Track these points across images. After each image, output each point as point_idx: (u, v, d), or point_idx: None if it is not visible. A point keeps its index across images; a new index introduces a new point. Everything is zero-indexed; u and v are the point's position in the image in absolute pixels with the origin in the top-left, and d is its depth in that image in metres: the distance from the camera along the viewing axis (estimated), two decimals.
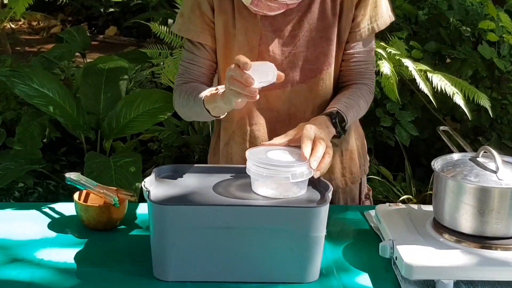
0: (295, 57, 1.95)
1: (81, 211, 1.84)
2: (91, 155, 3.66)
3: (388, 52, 3.29)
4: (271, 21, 1.93)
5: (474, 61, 3.88)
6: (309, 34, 1.94)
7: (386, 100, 3.83)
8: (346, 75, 2.01)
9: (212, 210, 1.57)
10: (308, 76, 1.96)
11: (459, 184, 1.67)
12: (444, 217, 1.71)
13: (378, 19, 1.97)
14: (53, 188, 3.84)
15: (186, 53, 2.02)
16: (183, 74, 2.01)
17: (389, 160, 4.15)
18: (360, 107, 1.97)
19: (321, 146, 1.67)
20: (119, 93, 4.00)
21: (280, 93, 1.98)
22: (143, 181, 1.66)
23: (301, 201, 1.64)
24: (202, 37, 1.96)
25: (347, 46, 1.97)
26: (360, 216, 1.98)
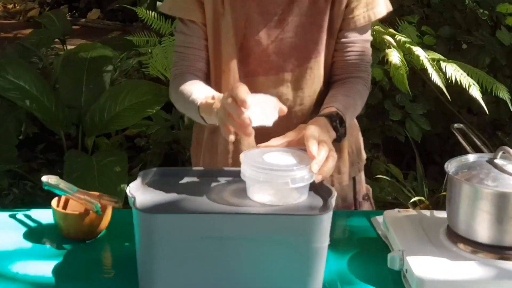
0: (282, 43, 1.97)
1: (60, 219, 1.83)
2: (72, 153, 3.66)
3: (398, 39, 3.28)
4: (259, 2, 1.95)
5: (492, 48, 3.87)
6: (298, 19, 1.95)
7: (395, 92, 3.83)
8: (340, 67, 2.01)
9: (205, 218, 1.56)
10: (295, 64, 1.98)
11: (475, 189, 1.67)
12: (459, 225, 1.71)
13: (374, 7, 1.98)
14: (30, 190, 3.84)
15: (178, 36, 2.04)
16: (178, 62, 2.03)
17: (399, 157, 4.15)
18: (356, 106, 1.98)
19: (324, 148, 1.66)
20: (102, 85, 4.00)
21: (264, 80, 2.00)
22: (128, 187, 1.65)
23: (302, 208, 1.63)
24: (194, 14, 1.98)
25: (340, 34, 1.99)
26: (366, 223, 1.97)
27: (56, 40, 5.33)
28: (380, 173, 3.70)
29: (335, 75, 2.03)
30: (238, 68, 1.98)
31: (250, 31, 1.96)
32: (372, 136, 3.92)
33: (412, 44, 3.28)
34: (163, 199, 1.65)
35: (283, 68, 1.99)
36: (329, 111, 1.85)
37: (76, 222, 1.82)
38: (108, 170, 3.41)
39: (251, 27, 1.96)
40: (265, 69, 1.98)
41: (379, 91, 3.90)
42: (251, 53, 1.97)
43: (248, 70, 1.99)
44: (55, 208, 1.85)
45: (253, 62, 1.98)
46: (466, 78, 3.19)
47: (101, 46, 4.22)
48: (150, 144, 4.28)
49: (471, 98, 3.23)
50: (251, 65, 1.99)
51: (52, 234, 1.86)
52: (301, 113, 2.02)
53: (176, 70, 2.02)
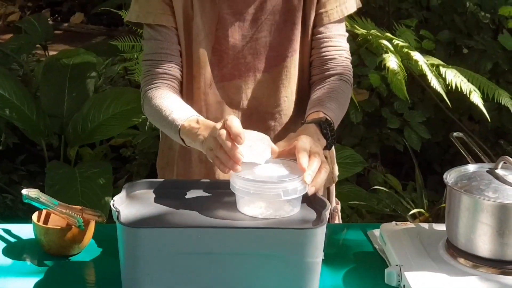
0: (257, 43, 2.00)
1: (41, 235, 1.83)
2: (54, 164, 3.65)
3: (395, 44, 3.29)
4: (231, 3, 1.97)
5: (494, 53, 3.90)
6: (272, 18, 1.99)
7: (393, 99, 3.84)
8: (318, 64, 2.03)
9: (193, 233, 1.56)
10: (271, 64, 2.01)
11: (475, 201, 1.67)
12: (458, 239, 1.72)
13: (346, 1, 2.03)
14: (10, 203, 3.83)
15: (148, 43, 2.02)
16: (150, 71, 2.00)
17: (397, 167, 4.16)
18: (342, 108, 1.99)
19: (316, 159, 1.67)
20: (86, 92, 4.00)
21: (241, 83, 2.02)
22: (112, 200, 1.65)
23: (294, 222, 1.63)
24: (164, 18, 1.98)
25: (315, 31, 2.02)
26: (362, 236, 1.98)
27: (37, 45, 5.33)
28: (377, 184, 3.70)
29: (315, 74, 2.04)
30: (212, 72, 1.99)
31: (223, 33, 1.98)
32: (369, 145, 3.93)
33: (410, 49, 3.30)
34: (149, 213, 1.65)
35: (259, 69, 2.01)
36: (317, 116, 1.86)
37: (58, 237, 1.81)
38: (92, 182, 3.40)
39: (223, 29, 1.97)
40: (241, 72, 2.00)
41: (376, 98, 3.91)
42: (225, 56, 1.99)
43: (223, 74, 2.00)
44: (35, 223, 1.85)
45: (227, 65, 2.00)
46: (467, 84, 3.20)
47: (85, 52, 4.22)
48: (136, 154, 4.28)
49: (472, 105, 3.24)
50: (225, 69, 2.00)
51: (33, 250, 1.86)
52: (278, 114, 2.04)
53: (149, 80, 1.99)
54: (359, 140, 3.94)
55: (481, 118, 3.84)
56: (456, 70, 3.27)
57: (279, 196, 1.61)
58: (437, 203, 3.47)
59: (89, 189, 3.35)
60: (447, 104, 3.33)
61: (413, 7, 4.40)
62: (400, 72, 3.20)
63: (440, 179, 4.02)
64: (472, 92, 3.17)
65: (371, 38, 3.37)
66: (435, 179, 3.96)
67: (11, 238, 1.93)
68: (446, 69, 3.24)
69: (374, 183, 3.75)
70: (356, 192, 3.58)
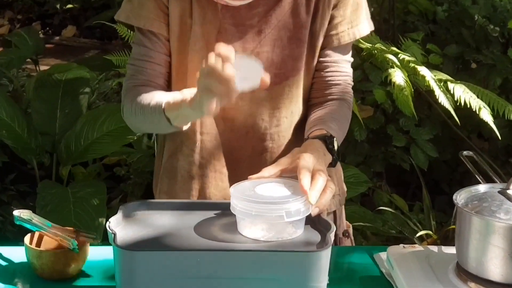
0: (258, 58, 1.94)
1: (33, 258, 1.83)
2: (45, 184, 3.65)
3: (401, 58, 3.31)
4: (234, 13, 1.94)
5: (503, 67, 3.91)
6: (276, 32, 1.96)
7: (399, 115, 3.85)
8: (321, 88, 2.02)
9: (192, 256, 1.57)
10: (272, 82, 1.96)
11: (487, 222, 1.67)
12: (469, 262, 1.71)
13: (359, 24, 2.00)
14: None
15: (136, 48, 2.00)
16: (134, 75, 1.99)
17: (403, 187, 4.16)
18: (344, 130, 1.99)
19: (321, 178, 1.67)
20: (79, 109, 4.00)
21: (237, 99, 1.99)
22: (108, 221, 1.66)
23: (298, 244, 1.63)
24: (156, 25, 1.96)
25: (322, 52, 2.00)
26: (369, 259, 1.97)
27: (28, 60, 5.34)
28: (383, 205, 3.70)
29: (315, 97, 2.03)
30: None
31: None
32: (374, 163, 3.94)
33: (416, 64, 3.31)
34: (146, 235, 1.65)
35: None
36: (321, 133, 1.86)
37: (51, 260, 1.81)
38: (85, 202, 3.40)
39: (223, 39, 1.92)
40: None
41: (381, 114, 3.92)
42: None
43: None
44: (28, 245, 1.85)
45: None
46: (476, 100, 3.21)
47: (77, 67, 4.22)
48: (131, 173, 4.28)
49: (482, 122, 3.25)
50: None
51: (25, 274, 1.85)
52: (277, 135, 2.02)
53: (131, 83, 1.98)
54: (363, 159, 3.95)
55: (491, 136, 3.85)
56: (464, 85, 3.28)
57: (281, 218, 1.61)
58: (446, 225, 3.47)
59: (82, 210, 3.34)
60: (456, 121, 3.34)
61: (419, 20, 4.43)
62: (406, 88, 3.20)
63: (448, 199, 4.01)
64: (481, 108, 3.18)
65: (376, 53, 3.38)
66: (443, 200, 3.97)
67: (2, 262, 1.93)
68: (454, 85, 3.25)
69: (379, 204, 3.75)
70: (360, 213, 3.58)
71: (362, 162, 3.93)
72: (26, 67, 5.55)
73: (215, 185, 2.03)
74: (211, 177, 2.03)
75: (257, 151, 2.01)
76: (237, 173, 1.77)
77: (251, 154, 2.02)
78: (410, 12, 4.55)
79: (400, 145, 3.87)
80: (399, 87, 3.21)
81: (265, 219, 1.63)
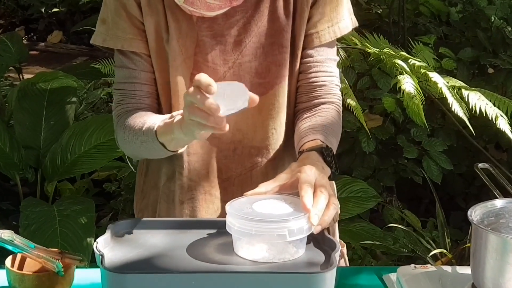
0: (241, 68, 1.97)
1: (15, 281, 1.83)
2: (29, 201, 3.65)
3: (411, 63, 3.31)
4: (210, 24, 1.95)
5: None
6: (257, 40, 1.97)
7: (410, 125, 3.85)
8: (306, 91, 2.03)
9: (186, 279, 1.56)
10: (258, 93, 1.94)
11: (504, 240, 1.67)
12: (485, 283, 1.71)
13: (339, 21, 2.01)
14: None
15: (119, 71, 2.02)
16: (123, 101, 2.01)
17: (415, 202, 4.16)
18: (337, 137, 1.99)
19: (323, 195, 1.67)
20: (65, 120, 4.01)
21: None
22: (95, 242, 1.65)
23: (301, 265, 1.63)
24: (135, 44, 1.97)
25: (304, 53, 2.01)
26: (377, 280, 1.97)
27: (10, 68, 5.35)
28: (393, 221, 3.70)
29: (301, 102, 2.03)
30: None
31: (203, 57, 1.96)
32: (383, 177, 3.93)
33: (428, 69, 3.31)
34: (137, 256, 1.65)
35: None
36: (316, 144, 1.85)
37: (34, 284, 1.81)
38: (72, 221, 3.40)
39: (202, 53, 1.95)
40: None
41: (391, 124, 3.92)
42: None
43: None
44: (9, 268, 1.85)
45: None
46: (493, 109, 3.21)
47: (64, 75, 4.23)
48: (122, 189, 4.29)
49: (499, 132, 3.25)
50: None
51: None
52: (266, 149, 2.02)
53: (121, 110, 2.00)
54: (372, 172, 3.95)
55: (509, 146, 3.85)
56: (480, 92, 3.29)
57: (284, 237, 1.61)
58: (461, 243, 3.47)
59: (69, 229, 3.34)
60: (471, 131, 3.34)
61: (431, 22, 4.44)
62: (417, 96, 3.21)
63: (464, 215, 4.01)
64: (498, 117, 3.18)
65: (384, 58, 3.39)
66: (458, 216, 3.97)
67: None
68: (469, 92, 3.25)
69: (389, 220, 3.75)
70: (369, 230, 3.58)
71: (371, 176, 3.93)
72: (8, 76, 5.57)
73: (206, 208, 2.03)
74: (201, 199, 2.04)
75: (247, 168, 2.01)
76: (228, 193, 1.77)
77: (241, 172, 2.02)
78: (421, 13, 4.57)
79: (411, 157, 3.87)
80: (409, 95, 3.21)
81: (266, 239, 1.62)
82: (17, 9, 8.80)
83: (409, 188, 4.10)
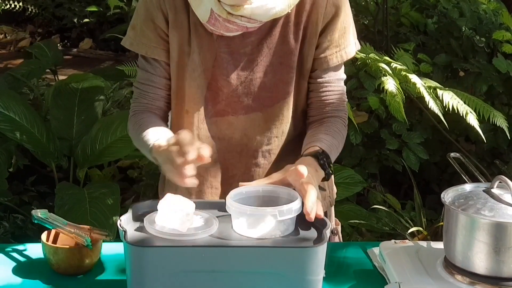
0: (252, 84, 1.97)
1: (50, 254, 1.83)
2: (63, 185, 3.65)
3: (393, 67, 3.30)
4: (228, 42, 1.94)
5: (489, 75, 3.90)
6: (268, 59, 1.96)
7: (392, 120, 3.84)
8: (317, 107, 2.02)
9: (197, 252, 1.57)
10: (264, 105, 1.98)
11: (472, 219, 1.67)
12: (456, 256, 1.71)
13: (346, 46, 1.99)
14: (20, 223, 3.82)
15: (140, 72, 2.03)
16: (138, 99, 2.02)
17: (396, 187, 4.15)
18: (338, 145, 1.98)
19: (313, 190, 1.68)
20: (94, 115, 4.00)
21: (233, 119, 1.99)
22: (119, 219, 1.65)
23: (296, 241, 1.63)
24: (157, 52, 1.97)
25: (314, 74, 2.00)
26: (362, 254, 1.97)
27: (47, 70, 5.34)
28: (377, 203, 3.69)
29: (312, 116, 2.03)
30: (205, 107, 1.98)
31: (219, 71, 1.95)
32: (368, 165, 3.93)
33: (408, 72, 3.30)
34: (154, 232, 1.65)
35: (252, 108, 1.98)
36: (314, 150, 1.86)
37: (67, 256, 1.81)
38: (100, 202, 3.40)
39: (220, 66, 1.95)
40: (235, 109, 1.98)
41: (375, 120, 3.91)
42: (220, 92, 1.97)
43: (217, 110, 1.98)
44: (44, 242, 1.85)
45: (222, 101, 1.98)
46: (463, 106, 3.20)
47: (93, 76, 4.22)
48: (143, 175, 4.28)
49: (469, 126, 3.25)
50: (219, 105, 1.98)
51: (42, 269, 1.85)
52: (268, 153, 2.02)
53: (135, 107, 2.02)
54: (358, 161, 3.94)
55: (477, 139, 3.84)
56: (453, 92, 3.28)
57: (274, 217, 1.62)
58: (435, 222, 3.46)
59: (98, 209, 3.34)
60: (445, 126, 3.33)
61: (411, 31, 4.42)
62: (398, 95, 3.20)
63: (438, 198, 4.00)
64: (468, 113, 3.17)
65: (370, 62, 3.37)
66: (433, 199, 3.95)
67: (21, 258, 1.93)
68: (443, 91, 3.24)
69: (373, 203, 3.74)
70: (356, 211, 3.57)
71: (358, 164, 3.93)
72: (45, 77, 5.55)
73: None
74: (208, 193, 2.04)
75: (250, 168, 2.02)
76: (232, 188, 1.78)
77: (244, 171, 2.03)
78: (402, 24, 4.55)
79: (393, 148, 3.86)
80: (392, 94, 3.20)
81: (259, 218, 1.63)
82: (53, 20, 8.77)
83: (391, 175, 4.09)
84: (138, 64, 2.03)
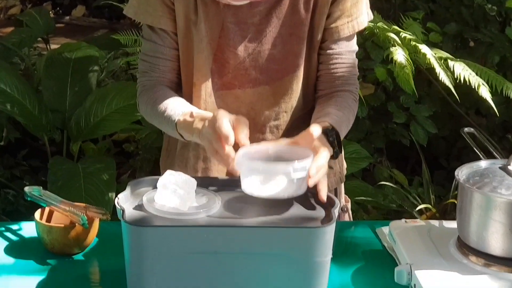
0: (260, 56, 1.94)
1: (44, 233, 1.81)
2: (56, 160, 3.64)
3: (402, 36, 3.27)
4: (235, 12, 1.91)
5: (501, 46, 3.87)
6: (277, 30, 1.92)
7: (399, 92, 3.82)
8: (326, 80, 1.99)
9: (198, 232, 1.55)
10: (273, 78, 1.95)
11: (488, 198, 1.65)
12: (470, 237, 1.70)
13: (358, 16, 1.95)
14: (12, 199, 3.82)
15: (146, 43, 1.98)
16: (148, 73, 1.98)
17: (403, 162, 4.14)
18: (349, 121, 1.96)
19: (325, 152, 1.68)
20: (88, 87, 3.98)
21: (240, 93, 1.97)
22: (117, 198, 1.63)
23: (303, 220, 1.62)
24: (164, 22, 1.93)
25: (324, 45, 1.97)
26: (371, 233, 1.96)
27: (39, 39, 5.31)
28: (383, 179, 3.68)
29: (321, 89, 2.00)
30: (212, 80, 1.95)
31: (226, 42, 1.92)
32: (375, 140, 3.92)
33: (417, 42, 3.27)
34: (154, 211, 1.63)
35: (260, 81, 1.96)
36: (323, 125, 1.82)
37: (61, 235, 1.80)
38: (95, 178, 3.39)
39: (226, 37, 1.91)
40: (242, 82, 1.95)
41: (382, 92, 3.89)
42: (226, 64, 1.94)
43: (223, 83, 1.96)
44: (38, 221, 1.83)
45: (228, 74, 1.95)
46: (475, 78, 3.18)
47: (87, 46, 4.20)
48: (139, 149, 4.27)
49: (480, 99, 3.23)
50: (226, 77, 1.95)
51: (36, 248, 1.85)
52: (276, 128, 2.00)
53: (145, 81, 1.98)
54: (364, 135, 3.92)
55: (488, 112, 3.82)
56: (464, 63, 3.25)
57: (288, 175, 1.60)
58: (444, 199, 3.45)
59: (93, 185, 3.33)
60: (455, 98, 3.31)
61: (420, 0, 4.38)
62: (408, 66, 3.17)
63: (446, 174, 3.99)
64: (480, 85, 3.15)
65: (377, 31, 3.34)
66: (441, 174, 3.94)
67: (13, 236, 1.92)
68: (454, 63, 3.22)
69: (380, 178, 3.73)
70: (362, 187, 3.56)
71: (364, 138, 3.91)
72: (37, 46, 5.52)
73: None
74: (214, 170, 2.03)
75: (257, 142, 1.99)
76: None
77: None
78: None
79: (400, 122, 3.84)
80: (401, 65, 3.18)
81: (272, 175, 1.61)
82: None
83: (398, 150, 4.08)
84: (143, 35, 1.99)
